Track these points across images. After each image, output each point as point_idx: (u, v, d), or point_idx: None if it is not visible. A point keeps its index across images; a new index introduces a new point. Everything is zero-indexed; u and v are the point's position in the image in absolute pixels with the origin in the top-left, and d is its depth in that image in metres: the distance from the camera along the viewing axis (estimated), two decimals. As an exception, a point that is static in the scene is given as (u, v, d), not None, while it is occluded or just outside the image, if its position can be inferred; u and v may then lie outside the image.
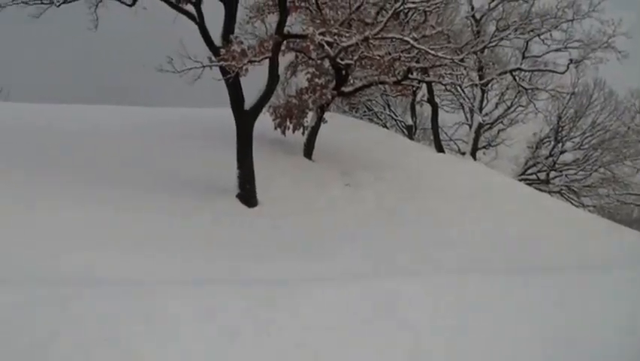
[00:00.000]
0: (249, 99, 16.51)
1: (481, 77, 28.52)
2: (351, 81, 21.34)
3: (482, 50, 27.23)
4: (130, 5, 17.05)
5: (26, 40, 51.15)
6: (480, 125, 31.93)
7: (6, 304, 7.25)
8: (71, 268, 10.12)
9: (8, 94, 36.26)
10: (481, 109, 31.66)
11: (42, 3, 16.94)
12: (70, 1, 17.23)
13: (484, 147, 35.50)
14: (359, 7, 16.82)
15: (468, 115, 35.02)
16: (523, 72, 29.30)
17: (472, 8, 28.15)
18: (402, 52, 18.59)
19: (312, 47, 17.60)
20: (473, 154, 31.09)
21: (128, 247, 11.68)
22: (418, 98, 30.70)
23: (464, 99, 33.29)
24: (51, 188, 14.08)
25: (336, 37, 16.49)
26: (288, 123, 19.81)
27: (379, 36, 16.81)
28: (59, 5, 17.10)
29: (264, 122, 18.15)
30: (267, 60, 16.14)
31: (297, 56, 19.76)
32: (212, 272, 10.74)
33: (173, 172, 16.57)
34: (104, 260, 10.67)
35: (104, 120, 20.40)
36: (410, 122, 32.94)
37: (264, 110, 17.29)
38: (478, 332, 7.88)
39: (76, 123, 19.42)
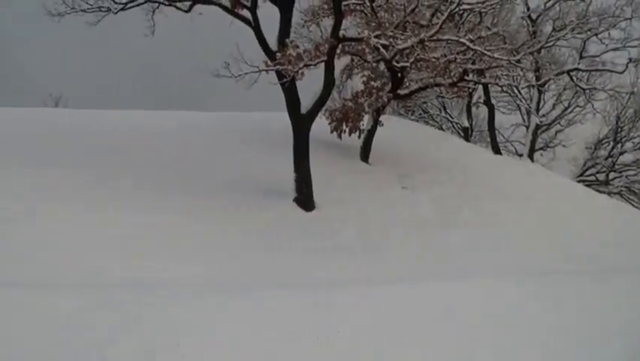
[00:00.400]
0: (305, 103, 16.56)
1: (537, 78, 28.09)
2: (407, 84, 21.24)
3: (539, 51, 26.77)
4: (186, 11, 17.28)
5: (85, 48, 52.20)
6: (537, 127, 31.47)
7: (71, 308, 7.48)
8: (136, 272, 10.32)
9: (67, 101, 37.25)
10: (538, 110, 31.22)
11: (100, 10, 17.27)
12: (127, 8, 17.49)
13: (541, 149, 34.97)
14: (414, 9, 16.76)
15: (525, 116, 34.50)
16: (580, 72, 28.70)
17: (528, 8, 27.76)
18: (457, 53, 18.45)
19: (367, 50, 17.62)
20: (531, 156, 30.62)
21: (188, 251, 11.84)
22: (474, 99, 30.47)
23: (521, 100, 32.88)
24: (117, 193, 14.39)
25: (391, 39, 16.45)
26: (344, 127, 19.86)
27: (435, 38, 16.73)
28: (117, 12, 17.39)
29: (320, 125, 18.21)
30: (323, 64, 16.16)
31: (352, 60, 19.77)
32: (270, 275, 10.84)
33: (230, 177, 16.72)
34: (167, 264, 10.87)
35: (163, 126, 20.73)
36: (466, 124, 32.64)
37: (320, 113, 17.35)
38: (537, 335, 7.78)
39: (135, 129, 19.79)
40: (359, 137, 20.48)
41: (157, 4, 17.21)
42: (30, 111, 22.18)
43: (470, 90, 26.27)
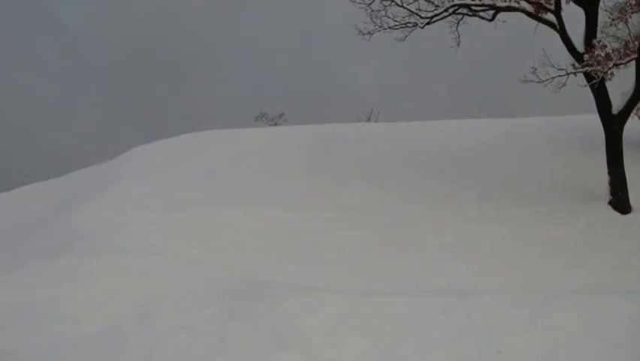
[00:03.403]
0: (615, 103, 16.05)
1: None
2: None
3: None
4: (490, 20, 17.52)
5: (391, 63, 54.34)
6: None
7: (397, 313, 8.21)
8: (455, 278, 10.88)
9: (378, 115, 39.28)
10: None
11: (406, 26, 18.04)
12: (433, 22, 18.06)
13: None
14: None
15: None
16: None
17: None
18: None
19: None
20: None
21: (505, 257, 12.13)
22: None
23: None
24: (426, 205, 15.20)
25: None
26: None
27: None
28: (423, 27, 18.03)
29: (632, 125, 17.45)
30: (634, 62, 15.56)
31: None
32: (588, 282, 10.72)
33: (541, 182, 16.76)
34: (484, 269, 11.28)
35: (469, 134, 21.18)
36: None
37: (632, 113, 16.66)
38: None
39: (432, 139, 20.48)
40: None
41: (461, 16, 17.64)
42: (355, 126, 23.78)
43: None
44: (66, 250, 12.39)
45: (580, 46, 16.14)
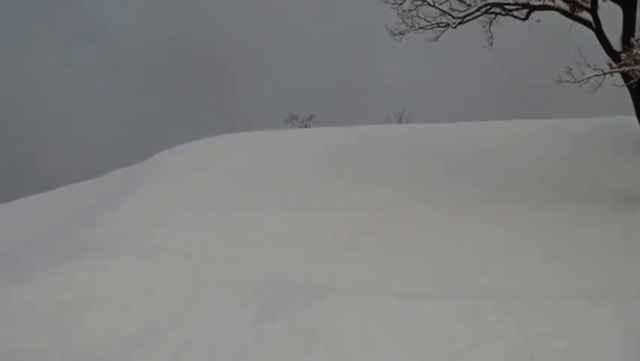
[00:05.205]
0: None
1: None
2: None
3: None
4: (523, 19, 17.39)
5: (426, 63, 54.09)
6: None
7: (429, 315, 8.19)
8: (485, 281, 10.79)
9: (410, 116, 39.22)
10: None
11: (438, 26, 17.97)
12: (465, 22, 17.97)
13: None
14: None
15: None
16: None
17: None
18: None
19: None
20: None
21: (539, 261, 12.00)
22: None
23: None
24: (467, 202, 15.16)
25: None
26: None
27: None
28: (455, 27, 17.95)
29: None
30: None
31: None
32: (627, 287, 10.50)
33: (577, 184, 16.56)
34: (517, 272, 11.20)
35: (490, 135, 21.00)
36: None
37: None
38: None
39: (463, 141, 20.41)
40: None
41: (494, 15, 17.54)
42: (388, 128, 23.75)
43: None
44: (101, 250, 12.53)
45: (617, 45, 15.95)
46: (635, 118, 16.12)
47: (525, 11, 17.23)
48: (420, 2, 17.48)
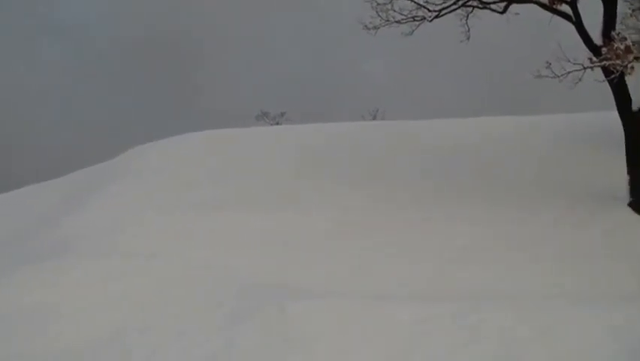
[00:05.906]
0: (635, 99, 15.53)
1: None
2: None
3: None
4: (501, 12, 17.02)
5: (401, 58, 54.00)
6: None
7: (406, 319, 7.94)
8: (465, 283, 10.57)
9: (384, 113, 39.22)
10: None
11: (414, 20, 17.53)
12: (441, 15, 17.55)
13: None
14: None
15: None
16: None
17: None
18: None
19: None
20: None
21: (522, 261, 11.72)
22: None
23: None
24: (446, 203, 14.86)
25: None
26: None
27: None
28: (431, 20, 17.51)
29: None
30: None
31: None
32: (610, 290, 10.26)
33: (557, 182, 16.31)
34: (499, 274, 10.92)
35: (466, 134, 20.74)
36: None
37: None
38: None
39: (440, 138, 20.08)
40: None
41: (471, 9, 17.12)
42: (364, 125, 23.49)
43: None
44: (65, 252, 12.23)
45: (597, 39, 15.62)
46: (616, 113, 15.82)
47: (503, 4, 16.86)
48: (395, -6, 17.08)
